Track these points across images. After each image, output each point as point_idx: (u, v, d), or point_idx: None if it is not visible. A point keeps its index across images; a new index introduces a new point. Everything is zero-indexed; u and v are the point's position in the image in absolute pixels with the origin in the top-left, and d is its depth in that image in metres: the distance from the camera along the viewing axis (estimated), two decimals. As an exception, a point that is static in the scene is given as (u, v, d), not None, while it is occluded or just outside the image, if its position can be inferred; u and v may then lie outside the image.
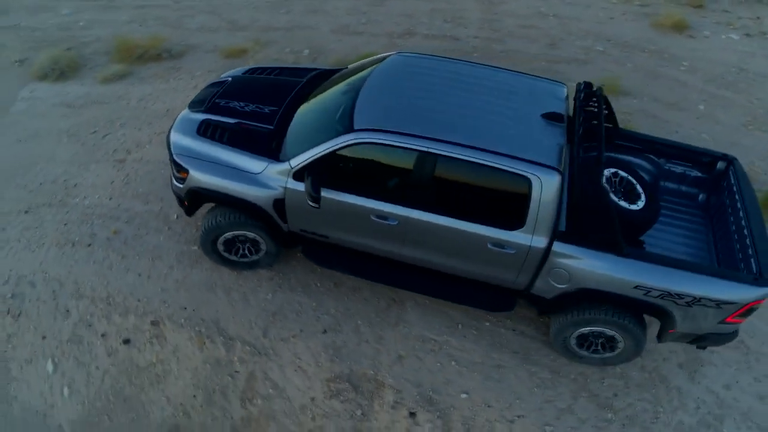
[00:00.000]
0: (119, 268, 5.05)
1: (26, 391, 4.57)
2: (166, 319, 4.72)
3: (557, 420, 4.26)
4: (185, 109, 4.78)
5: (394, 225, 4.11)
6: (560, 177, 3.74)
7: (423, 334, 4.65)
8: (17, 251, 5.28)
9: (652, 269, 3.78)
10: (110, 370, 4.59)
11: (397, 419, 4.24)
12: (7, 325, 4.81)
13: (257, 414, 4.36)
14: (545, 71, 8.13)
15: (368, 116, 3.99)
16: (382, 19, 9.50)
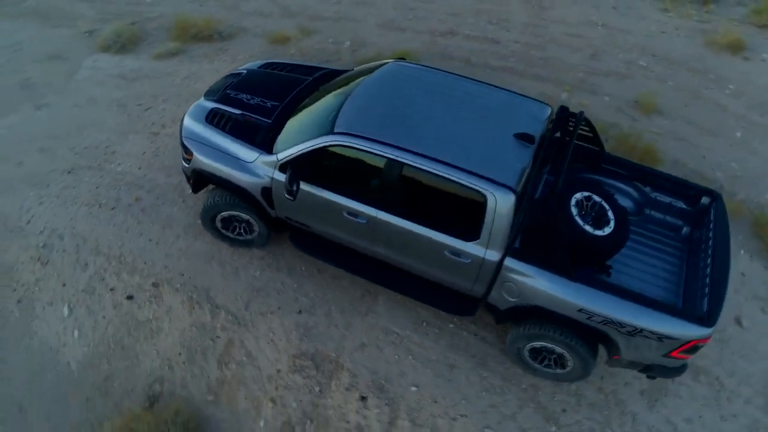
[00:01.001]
0: (134, 232, 5.67)
1: (45, 329, 5.29)
2: (165, 283, 5.29)
3: (498, 425, 4.49)
4: (201, 97, 5.27)
5: (363, 223, 4.44)
6: (515, 196, 3.92)
7: (388, 326, 4.97)
8: (54, 207, 6.01)
9: (596, 295, 3.92)
10: (114, 320, 5.22)
11: (349, 401, 4.62)
12: (36, 270, 5.55)
13: (230, 377, 4.86)
14: (580, 82, 8.12)
15: (349, 121, 4.31)
16: (427, 16, 9.67)
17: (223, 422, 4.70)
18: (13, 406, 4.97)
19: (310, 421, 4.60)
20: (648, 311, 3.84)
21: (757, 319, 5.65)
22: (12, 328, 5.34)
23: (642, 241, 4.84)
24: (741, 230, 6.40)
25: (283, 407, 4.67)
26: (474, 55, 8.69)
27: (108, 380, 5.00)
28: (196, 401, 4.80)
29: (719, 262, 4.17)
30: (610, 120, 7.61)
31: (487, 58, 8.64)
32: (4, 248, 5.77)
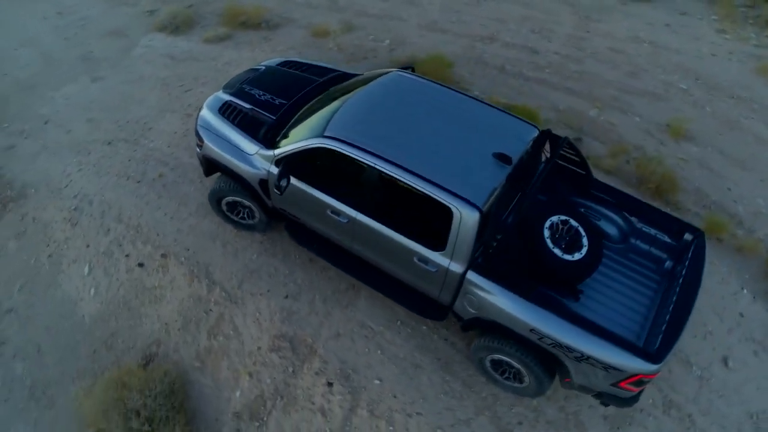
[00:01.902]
0: (153, 205, 6.21)
1: (68, 283, 5.92)
2: (173, 255, 5.80)
3: (451, 427, 4.72)
4: (220, 89, 5.70)
5: (344, 222, 4.74)
6: (479, 214, 4.10)
7: (364, 320, 5.27)
8: (90, 174, 6.65)
9: (548, 318, 4.05)
10: (125, 283, 5.78)
11: (317, 384, 4.97)
12: (66, 230, 6.19)
13: (217, 348, 5.32)
14: (613, 100, 8.05)
15: (339, 126, 4.59)
16: (471, 20, 9.76)
17: (205, 387, 5.16)
18: (34, 347, 5.61)
19: (280, 398, 4.99)
20: (596, 340, 3.94)
21: (746, 361, 5.57)
22: (42, 278, 6.00)
23: (621, 270, 4.89)
24: (751, 269, 6.28)
25: (259, 382, 5.08)
26: (509, 63, 8.74)
27: (113, 336, 5.56)
28: (185, 365, 5.28)
29: (683, 301, 4.20)
30: (636, 142, 7.52)
31: (522, 68, 8.68)
32: (43, 206, 6.45)
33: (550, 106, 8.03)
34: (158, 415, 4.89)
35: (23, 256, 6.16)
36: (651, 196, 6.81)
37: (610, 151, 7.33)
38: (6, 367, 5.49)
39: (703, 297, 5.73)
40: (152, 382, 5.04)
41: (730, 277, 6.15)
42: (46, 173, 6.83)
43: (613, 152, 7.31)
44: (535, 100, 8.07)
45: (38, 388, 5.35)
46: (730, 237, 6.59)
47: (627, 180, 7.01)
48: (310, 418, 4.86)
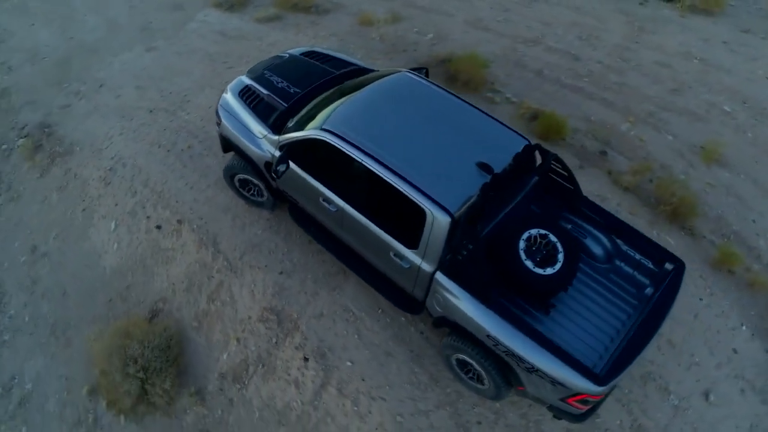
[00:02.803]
0: (177, 174, 6.70)
1: (96, 236, 6.53)
2: (187, 222, 6.28)
3: (410, 416, 4.96)
4: (244, 74, 6.06)
5: (333, 210, 5.02)
6: (451, 220, 4.27)
7: (348, 304, 5.56)
8: (128, 139, 7.23)
9: (503, 326, 4.19)
10: (144, 243, 6.32)
11: (294, 358, 5.33)
12: (100, 188, 6.80)
13: (213, 312, 5.77)
14: (648, 116, 7.90)
15: (337, 121, 4.84)
16: (518, 21, 9.69)
17: (199, 346, 5.63)
18: (60, 290, 6.26)
19: (261, 366, 5.39)
20: (545, 354, 4.06)
21: (731, 398, 5.50)
22: (74, 229, 6.65)
23: (600, 290, 4.93)
24: (759, 306, 6.14)
25: (245, 348, 5.49)
26: (548, 67, 8.68)
27: (128, 289, 6.12)
28: (184, 324, 5.77)
29: (644, 329, 4.24)
30: (664, 161, 7.38)
31: (561, 74, 8.60)
32: (84, 163, 7.10)
33: (581, 116, 7.95)
34: (153, 365, 5.40)
35: (62, 207, 6.82)
36: (666, 218, 6.71)
37: (634, 167, 7.21)
38: (35, 305, 6.16)
39: (697, 328, 5.72)
40: (153, 335, 5.56)
41: (732, 312, 6.02)
42: (92, 133, 7.47)
43: (636, 169, 7.19)
44: (567, 108, 8.01)
45: (59, 327, 5.98)
46: (744, 270, 6.42)
47: (644, 199, 6.91)
48: (284, 388, 5.23)
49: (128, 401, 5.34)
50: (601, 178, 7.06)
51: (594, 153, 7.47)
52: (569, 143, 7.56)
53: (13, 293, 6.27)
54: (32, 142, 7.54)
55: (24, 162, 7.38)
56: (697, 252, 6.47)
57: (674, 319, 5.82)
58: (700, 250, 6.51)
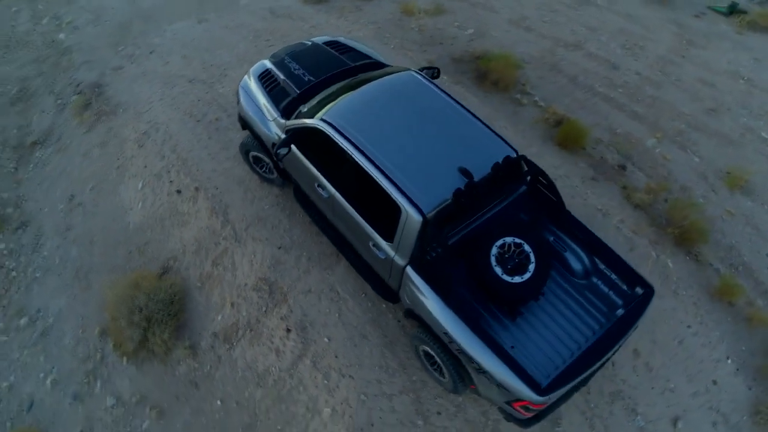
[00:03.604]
0: (202, 144, 7.19)
1: (125, 193, 7.13)
2: (203, 190, 6.76)
3: (374, 397, 5.28)
4: (266, 60, 6.40)
5: (326, 196, 5.34)
6: (422, 219, 4.49)
7: (335, 285, 5.90)
8: (166, 105, 7.77)
9: (459, 325, 4.39)
10: (164, 204, 6.86)
11: (279, 328, 5.73)
12: (135, 149, 7.38)
13: (215, 275, 6.25)
14: (678, 134, 7.79)
15: (337, 113, 5.10)
16: (563, 23, 9.58)
17: (198, 305, 6.13)
18: (89, 238, 6.90)
19: (249, 330, 5.83)
20: (493, 358, 4.25)
21: (699, 428, 5.54)
22: (108, 184, 7.27)
23: (572, 304, 5.04)
24: (751, 342, 6.08)
25: (237, 312, 5.95)
26: (584, 74, 8.61)
27: (146, 245, 6.68)
28: (189, 283, 6.28)
29: (598, 348, 4.36)
30: (685, 182, 7.27)
31: (595, 82, 8.52)
32: (125, 124, 7.71)
33: (607, 127, 7.89)
34: (156, 316, 5.94)
35: (100, 163, 7.46)
36: (672, 240, 6.65)
37: (650, 185, 7.14)
38: (65, 249, 6.84)
39: (679, 354, 5.74)
40: (159, 289, 6.08)
41: (720, 344, 5.97)
42: (136, 97, 8.07)
43: (652, 187, 7.11)
44: (594, 118, 7.96)
45: (82, 272, 6.62)
46: (746, 304, 6.33)
47: (653, 219, 6.85)
48: (266, 353, 5.66)
49: (131, 346, 5.91)
50: (613, 193, 7.03)
51: (612, 166, 7.42)
52: (589, 153, 7.53)
53: (49, 236, 6.96)
54: (84, 100, 8.21)
55: (74, 117, 8.07)
56: (698, 279, 6.41)
57: (656, 343, 5.85)
58: (701, 278, 6.43)
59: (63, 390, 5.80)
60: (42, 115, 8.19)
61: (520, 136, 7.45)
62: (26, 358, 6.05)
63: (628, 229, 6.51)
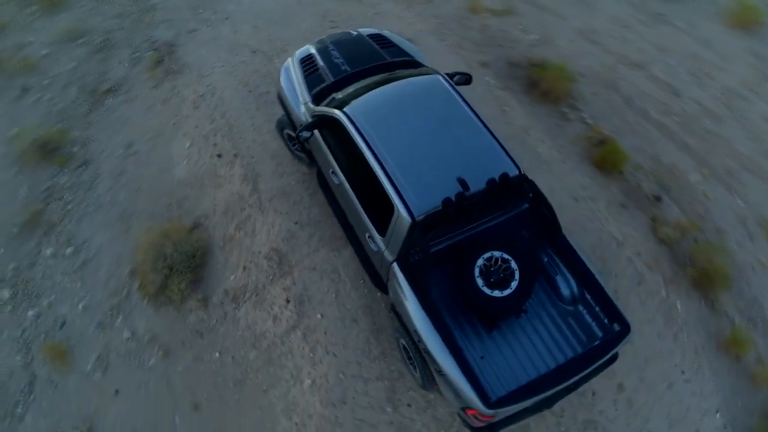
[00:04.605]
0: (248, 114, 7.65)
1: (175, 148, 7.74)
2: (241, 157, 7.24)
3: (352, 377, 5.60)
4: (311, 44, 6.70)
5: (337, 183, 5.65)
6: (411, 222, 4.69)
7: (338, 267, 6.22)
8: (225, 73, 8.30)
9: (427, 326, 4.61)
10: (206, 165, 7.41)
11: (280, 297, 6.14)
12: (191, 109, 7.97)
13: (236, 238, 6.74)
14: (727, 173, 7.52)
15: (358, 107, 5.34)
16: (633, 40, 9.26)
17: (217, 263, 6.65)
18: (137, 185, 7.58)
19: (255, 295, 6.30)
20: (453, 364, 4.44)
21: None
22: (163, 138, 7.91)
23: (551, 328, 5.13)
24: (750, 400, 5.94)
25: (248, 276, 6.42)
26: (641, 97, 8.36)
27: (184, 199, 7.26)
28: (213, 242, 6.81)
29: (557, 375, 4.45)
30: (722, 225, 7.04)
31: (651, 106, 8.27)
32: (187, 85, 8.31)
33: (652, 154, 7.67)
34: (177, 267, 6.51)
35: (160, 117, 8.11)
36: (689, 281, 6.49)
37: (682, 222, 6.94)
38: (115, 191, 7.53)
39: (666, 398, 5.70)
40: (186, 242, 6.65)
41: (713, 396, 5.84)
42: (202, 60, 8.65)
43: (683, 224, 6.93)
44: (640, 143, 7.76)
45: (126, 215, 7.29)
46: (754, 361, 6.14)
47: (676, 256, 6.70)
48: (265, 319, 6.10)
49: (152, 289, 6.53)
50: (639, 223, 6.90)
51: (647, 195, 7.25)
52: (625, 179, 7.39)
53: (104, 177, 7.69)
54: (157, 57, 8.89)
55: (146, 72, 8.77)
56: (708, 326, 6.24)
57: (643, 381, 5.80)
58: (711, 325, 6.26)
59: (90, 316, 6.51)
60: (118, 66, 8.94)
61: (555, 150, 7.40)
62: (66, 283, 6.81)
63: (643, 262, 6.39)
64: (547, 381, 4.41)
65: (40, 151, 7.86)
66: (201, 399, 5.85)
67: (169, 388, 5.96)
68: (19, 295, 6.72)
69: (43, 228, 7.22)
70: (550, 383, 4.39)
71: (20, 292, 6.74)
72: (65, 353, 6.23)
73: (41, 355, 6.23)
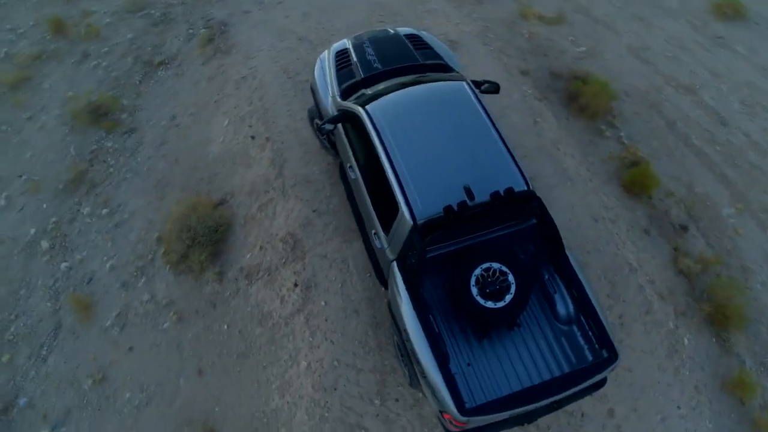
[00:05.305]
0: (286, 100, 7.89)
1: (214, 125, 8.08)
2: (272, 141, 7.49)
3: (346, 366, 5.79)
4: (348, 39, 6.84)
5: (353, 177, 5.81)
6: (412, 224, 4.80)
7: (348, 258, 6.39)
8: (269, 57, 8.56)
9: (416, 327, 4.72)
10: (239, 144, 7.71)
11: (289, 280, 6.37)
12: (232, 89, 8.28)
13: (257, 219, 7.01)
14: (762, 210, 7.31)
15: (379, 106, 5.45)
16: (686, 62, 8.97)
17: (236, 240, 6.96)
18: (175, 156, 7.97)
19: (267, 275, 6.57)
20: (434, 365, 4.54)
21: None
22: (204, 113, 8.27)
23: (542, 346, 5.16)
24: None
25: (263, 256, 6.68)
26: (684, 122, 8.14)
27: (215, 176, 7.60)
28: (235, 219, 7.11)
29: (537, 392, 4.50)
30: (749, 264, 6.84)
31: (694, 133, 8.04)
32: (232, 65, 8.63)
33: (686, 182, 7.47)
34: (199, 239, 6.85)
35: (204, 94, 8.48)
36: (702, 317, 6.34)
37: (706, 256, 6.77)
38: (155, 160, 7.96)
39: (656, 430, 5.62)
40: (208, 217, 6.98)
41: (708, 435, 5.73)
42: (250, 42, 8.95)
43: (707, 258, 6.75)
44: (675, 169, 7.57)
45: (161, 184, 7.70)
46: (759, 407, 5.98)
47: (692, 290, 6.55)
48: (273, 298, 6.36)
49: (174, 257, 6.90)
50: (660, 251, 6.77)
51: (674, 224, 7.09)
52: (653, 204, 7.24)
53: (146, 146, 8.13)
54: (209, 35, 9.26)
55: (197, 48, 9.15)
56: (714, 365, 6.10)
57: (636, 411, 5.75)
58: (719, 365, 6.12)
59: (116, 276, 6.94)
60: (173, 40, 9.36)
61: (584, 167, 7.31)
62: (99, 241, 7.27)
63: (655, 291, 6.27)
64: (526, 396, 4.45)
65: (92, 115, 8.36)
66: (206, 366, 6.18)
67: (178, 352, 6.31)
68: (56, 248, 7.23)
69: (86, 187, 7.71)
70: (528, 399, 4.43)
71: (57, 245, 7.24)
72: (89, 307, 6.69)
73: (68, 306, 6.71)
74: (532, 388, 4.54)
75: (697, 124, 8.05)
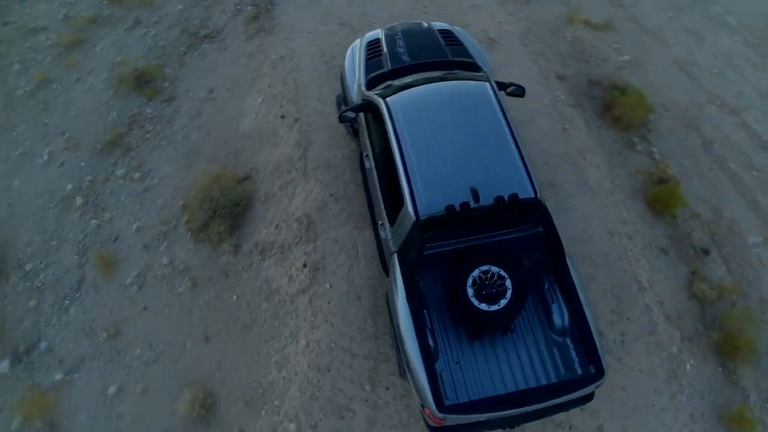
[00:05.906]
0: (318, 83, 8.03)
1: (247, 101, 8.30)
2: (300, 122, 7.65)
3: (341, 349, 5.94)
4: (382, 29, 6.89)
5: (368, 167, 5.91)
6: (414, 220, 4.88)
7: (358, 245, 6.51)
8: (309, 40, 8.71)
9: (408, 321, 4.81)
10: (270, 123, 7.90)
11: (298, 259, 6.54)
12: (269, 69, 8.48)
13: (277, 197, 7.21)
14: None
15: (398, 99, 5.53)
16: (733, 80, 8.64)
17: (255, 216, 7.18)
18: (208, 128, 8.24)
19: (279, 252, 6.76)
20: (419, 360, 4.62)
21: None
22: (240, 89, 8.49)
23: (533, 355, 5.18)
24: None
25: (278, 234, 6.89)
26: (722, 143, 7.88)
27: (243, 150, 7.83)
28: (257, 195, 7.33)
29: (517, 399, 4.54)
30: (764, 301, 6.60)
31: (731, 155, 7.79)
32: (272, 44, 8.82)
33: (714, 206, 7.26)
34: (219, 211, 7.10)
35: (242, 70, 8.71)
36: (709, 345, 6.21)
37: (724, 284, 6.58)
38: (188, 130, 8.23)
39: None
40: (230, 190, 7.22)
41: (698, 463, 5.64)
42: (293, 24, 9.12)
43: (725, 285, 6.57)
44: (705, 191, 7.36)
45: (192, 153, 7.99)
46: (757, 441, 5.83)
47: (704, 316, 6.40)
48: (282, 276, 6.56)
49: (196, 225, 7.18)
50: (676, 273, 6.62)
51: (695, 247, 6.92)
52: (676, 224, 7.08)
53: (182, 115, 8.43)
54: (255, 12, 9.47)
55: (242, 24, 9.38)
56: (716, 395, 5.97)
57: (626, 430, 5.69)
58: (721, 395, 5.99)
59: (140, 238, 7.28)
60: (220, 15, 9.62)
61: (609, 179, 7.19)
62: (128, 203, 7.62)
63: (662, 313, 6.16)
64: (506, 401, 4.49)
65: (136, 81, 8.71)
66: (212, 333, 6.44)
67: (188, 317, 6.60)
68: (89, 205, 7.62)
69: (121, 150, 8.07)
70: (508, 404, 4.47)
71: (90, 202, 7.64)
72: (112, 264, 7.05)
73: (93, 261, 7.08)
74: (513, 394, 4.58)
75: (736, 146, 7.77)
